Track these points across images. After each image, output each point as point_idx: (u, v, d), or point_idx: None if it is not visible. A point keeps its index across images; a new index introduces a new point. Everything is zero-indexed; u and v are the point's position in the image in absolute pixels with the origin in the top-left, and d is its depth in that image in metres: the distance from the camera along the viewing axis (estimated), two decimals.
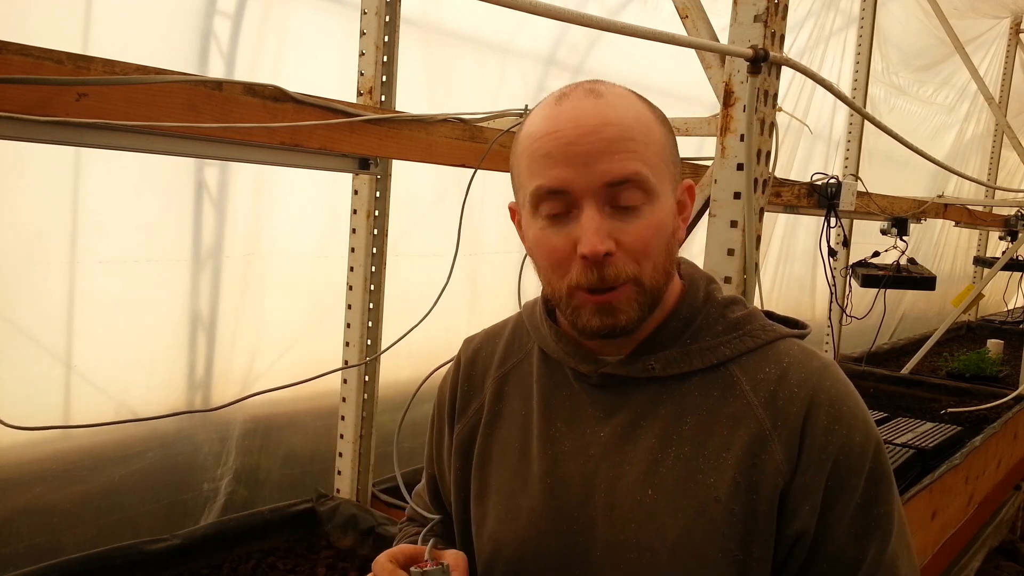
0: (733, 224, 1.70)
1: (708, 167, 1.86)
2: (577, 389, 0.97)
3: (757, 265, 1.74)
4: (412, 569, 0.89)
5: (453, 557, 0.92)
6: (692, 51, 1.74)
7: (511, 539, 0.96)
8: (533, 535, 0.94)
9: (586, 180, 0.84)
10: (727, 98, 1.70)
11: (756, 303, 1.67)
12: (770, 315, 1.00)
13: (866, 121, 3.71)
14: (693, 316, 0.95)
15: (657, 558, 0.87)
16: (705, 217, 1.77)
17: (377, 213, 2.28)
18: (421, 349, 2.26)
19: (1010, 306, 6.71)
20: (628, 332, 0.90)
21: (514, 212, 0.97)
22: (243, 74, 2.32)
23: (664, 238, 0.89)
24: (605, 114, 0.86)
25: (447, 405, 1.08)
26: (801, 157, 4.71)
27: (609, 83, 0.91)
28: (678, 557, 0.87)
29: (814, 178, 2.73)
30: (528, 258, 0.95)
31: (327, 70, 2.46)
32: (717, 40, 1.73)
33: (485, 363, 1.07)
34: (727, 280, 1.71)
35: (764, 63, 1.61)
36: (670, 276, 0.92)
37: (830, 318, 4.19)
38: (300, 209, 2.57)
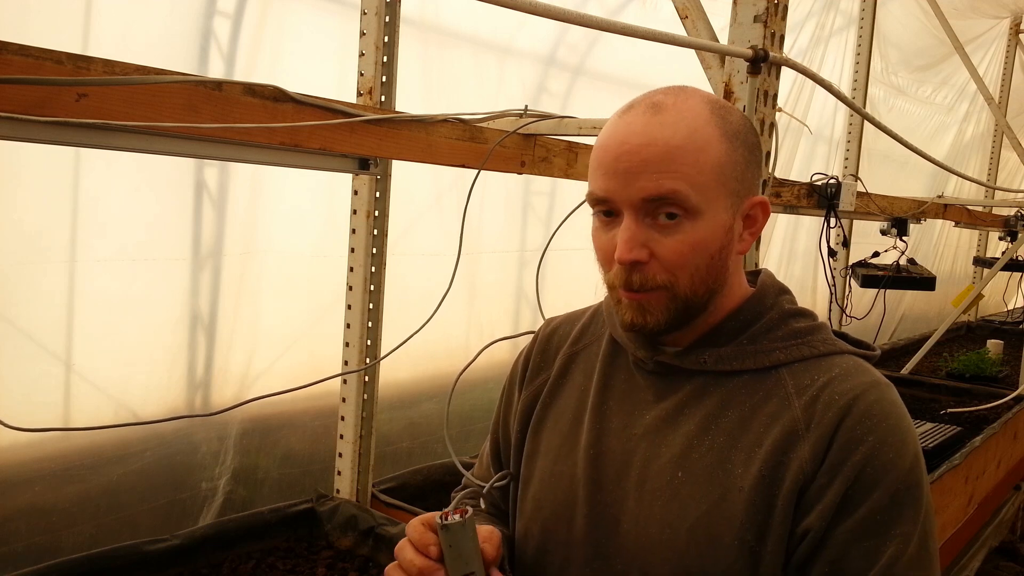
0: None
1: None
2: (634, 373, 1.03)
3: (757, 265, 1.74)
4: (436, 519, 0.91)
5: (487, 532, 0.95)
6: (692, 51, 1.74)
7: (550, 502, 1.02)
8: (570, 500, 1.00)
9: (625, 193, 0.90)
10: (727, 98, 1.70)
11: None
12: (841, 335, 1.02)
13: (866, 121, 3.71)
14: (754, 319, 0.99)
15: (676, 536, 0.91)
16: None
17: (377, 213, 2.28)
18: (420, 350, 2.26)
19: (1010, 306, 6.70)
20: (657, 332, 0.95)
21: None
22: (243, 74, 2.32)
23: (706, 253, 0.92)
24: (652, 134, 0.90)
25: (519, 373, 1.15)
26: (801, 157, 4.71)
27: (688, 94, 0.94)
28: (695, 538, 0.90)
29: (814, 178, 2.74)
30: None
31: (327, 70, 2.46)
32: (717, 40, 1.73)
33: (560, 341, 1.13)
34: None
35: (764, 63, 1.61)
36: (716, 285, 0.95)
37: (830, 318, 4.18)
38: (299, 209, 2.57)
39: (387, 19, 2.16)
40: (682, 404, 0.97)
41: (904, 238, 3.60)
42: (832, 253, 3.07)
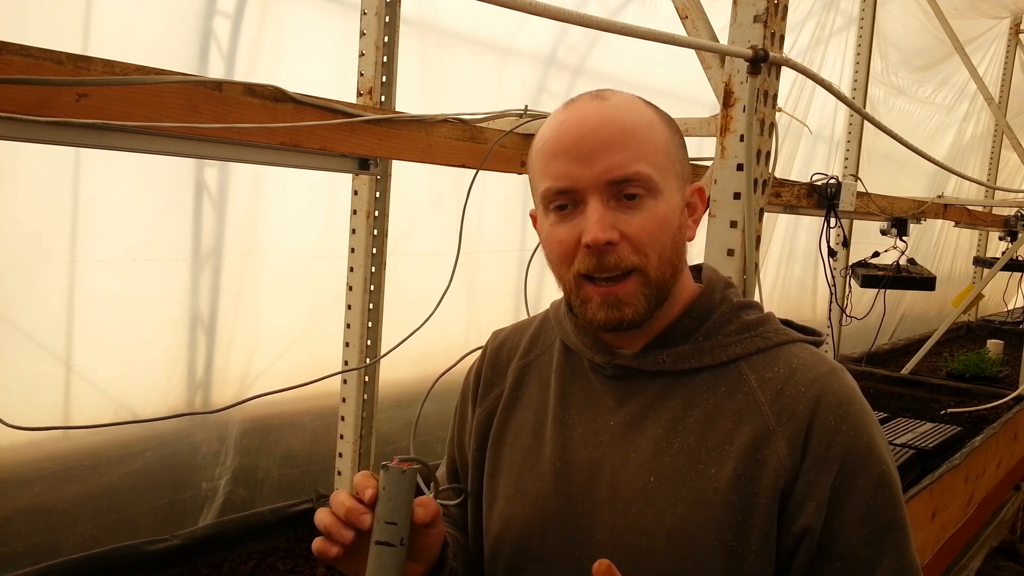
0: (733, 224, 1.70)
1: (708, 167, 1.86)
2: (592, 379, 1.01)
3: (757, 265, 1.74)
4: (384, 463, 0.88)
5: (427, 500, 0.91)
6: (692, 51, 1.74)
7: (519, 518, 1.00)
8: (540, 515, 0.98)
9: (590, 176, 0.89)
10: (727, 98, 1.69)
11: None
12: (787, 323, 1.02)
13: (866, 121, 3.71)
14: (707, 315, 0.98)
15: (655, 542, 0.90)
16: (705, 217, 1.77)
17: (377, 213, 2.28)
18: (419, 350, 2.26)
19: (1010, 306, 6.71)
20: (635, 326, 0.93)
21: (535, 218, 1.01)
22: (243, 74, 2.32)
23: (669, 231, 0.92)
24: (607, 114, 0.91)
25: (471, 389, 1.13)
26: (801, 157, 4.71)
27: (618, 91, 0.96)
28: (674, 542, 0.89)
29: (814, 178, 2.73)
30: (543, 260, 1.00)
31: (327, 70, 2.46)
32: (717, 40, 1.73)
33: (510, 353, 1.11)
34: None
35: (764, 63, 1.61)
36: (677, 270, 0.95)
37: (830, 318, 4.19)
38: (299, 209, 2.57)
39: (387, 19, 2.16)
40: (646, 407, 0.96)
41: (904, 238, 3.59)
42: (832, 253, 3.07)
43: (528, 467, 1.01)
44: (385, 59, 2.17)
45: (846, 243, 3.99)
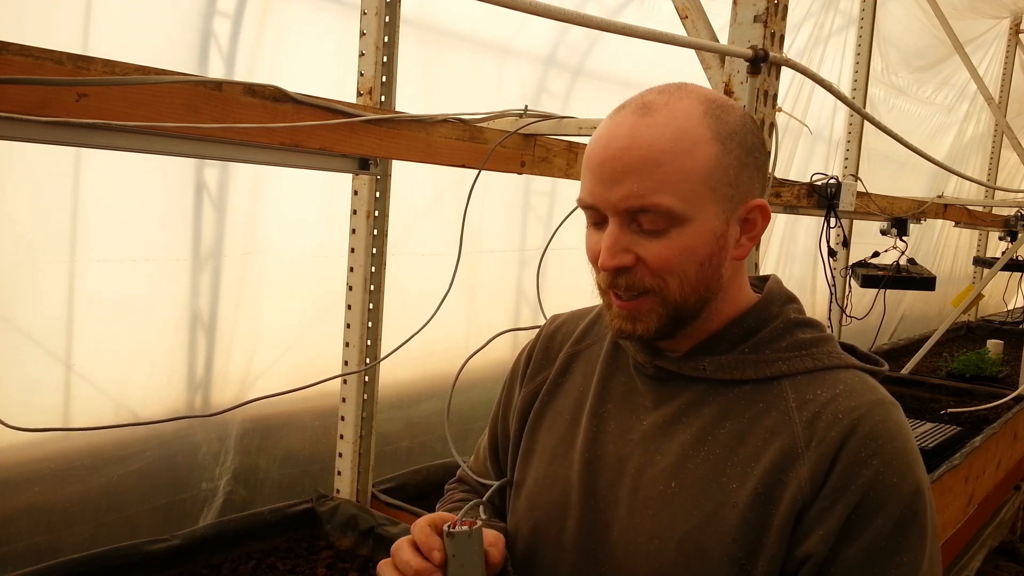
0: None
1: None
2: (634, 377, 1.01)
3: (757, 265, 1.74)
4: (445, 527, 0.90)
5: (493, 537, 0.93)
6: (692, 51, 1.74)
7: (544, 503, 1.01)
8: (563, 503, 0.99)
9: (609, 200, 0.89)
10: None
11: None
12: (850, 349, 1.00)
13: (866, 121, 3.71)
14: (757, 328, 0.96)
15: (664, 548, 0.89)
16: None
17: (377, 213, 2.28)
18: (419, 350, 2.26)
19: (1010, 306, 6.70)
20: (647, 339, 0.94)
21: None
22: (243, 74, 2.32)
23: (693, 260, 0.90)
24: (639, 137, 0.87)
25: (520, 368, 1.14)
26: (801, 157, 4.71)
27: (683, 93, 0.91)
28: (684, 551, 0.88)
29: (814, 178, 2.73)
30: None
31: (327, 70, 2.46)
32: (717, 40, 1.73)
33: (563, 339, 1.12)
34: None
35: (764, 63, 1.61)
36: (705, 293, 0.93)
37: (830, 318, 4.18)
38: (299, 209, 2.56)
39: (387, 19, 2.16)
40: (680, 412, 0.95)
41: (904, 238, 3.59)
42: (832, 253, 3.07)
43: (560, 453, 1.02)
44: (385, 59, 2.17)
45: (846, 243, 3.99)
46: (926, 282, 3.76)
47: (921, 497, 0.87)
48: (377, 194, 2.27)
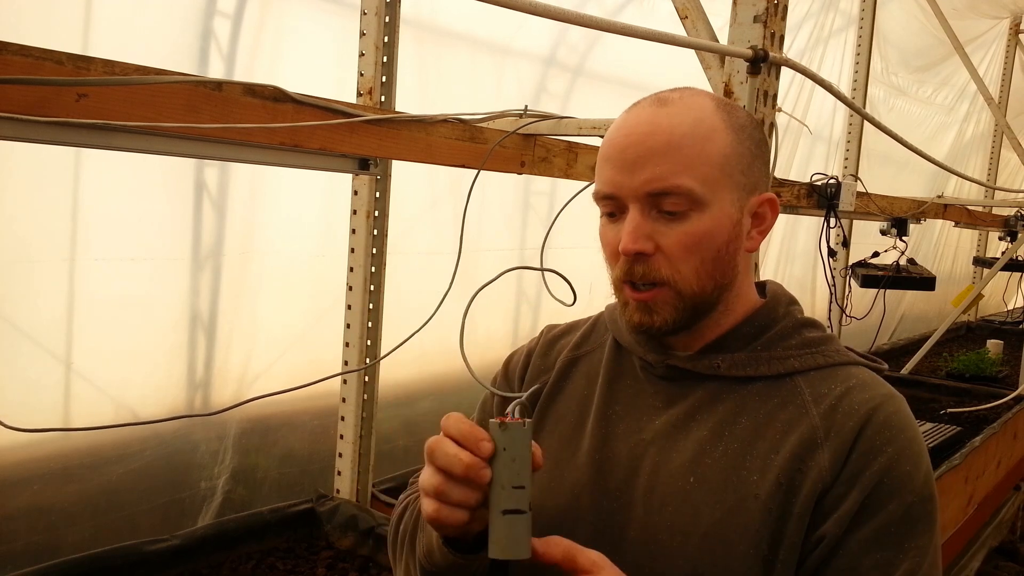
0: None
1: None
2: (642, 378, 1.01)
3: (757, 265, 1.74)
4: (491, 420, 0.80)
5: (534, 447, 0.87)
6: (692, 51, 1.74)
7: (552, 508, 0.98)
8: (573, 508, 0.97)
9: (631, 186, 0.90)
10: (727, 98, 1.69)
11: None
12: (850, 349, 1.02)
13: (866, 121, 3.71)
14: (768, 326, 0.98)
15: (687, 543, 0.89)
16: None
17: (377, 213, 2.28)
18: (419, 349, 2.26)
19: (1010, 306, 6.70)
20: (664, 332, 0.94)
21: None
22: (243, 74, 2.32)
23: (712, 246, 0.91)
24: (659, 123, 0.90)
25: (518, 369, 1.12)
26: (801, 157, 4.71)
27: (694, 91, 0.95)
28: (708, 546, 0.89)
29: (814, 178, 2.73)
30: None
31: (326, 70, 2.46)
32: (716, 40, 1.73)
33: (561, 348, 1.11)
34: None
35: (764, 63, 1.61)
36: (721, 283, 0.94)
37: (830, 318, 4.18)
38: (299, 209, 2.57)
39: (387, 19, 2.16)
40: (693, 410, 0.95)
41: (904, 238, 3.59)
42: (832, 253, 3.07)
43: (566, 458, 1.01)
44: (385, 59, 2.17)
45: (846, 243, 4.00)
46: (926, 282, 3.77)
47: (930, 487, 0.90)
48: (377, 194, 2.27)
